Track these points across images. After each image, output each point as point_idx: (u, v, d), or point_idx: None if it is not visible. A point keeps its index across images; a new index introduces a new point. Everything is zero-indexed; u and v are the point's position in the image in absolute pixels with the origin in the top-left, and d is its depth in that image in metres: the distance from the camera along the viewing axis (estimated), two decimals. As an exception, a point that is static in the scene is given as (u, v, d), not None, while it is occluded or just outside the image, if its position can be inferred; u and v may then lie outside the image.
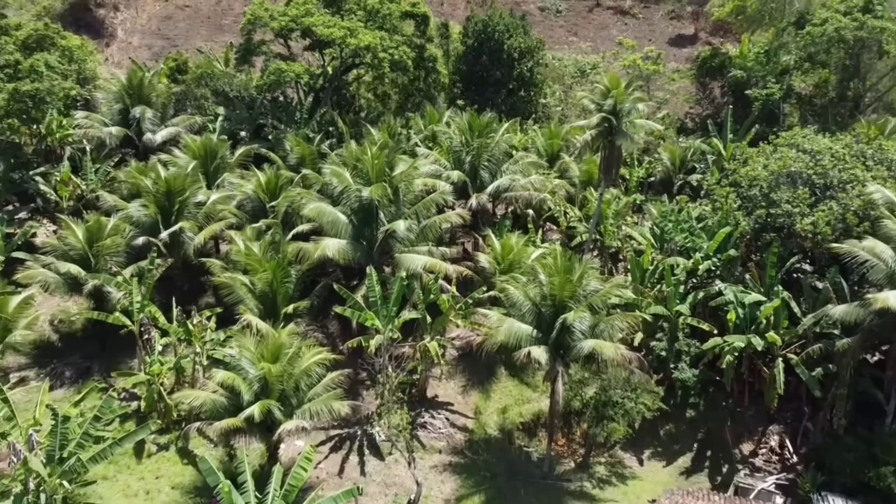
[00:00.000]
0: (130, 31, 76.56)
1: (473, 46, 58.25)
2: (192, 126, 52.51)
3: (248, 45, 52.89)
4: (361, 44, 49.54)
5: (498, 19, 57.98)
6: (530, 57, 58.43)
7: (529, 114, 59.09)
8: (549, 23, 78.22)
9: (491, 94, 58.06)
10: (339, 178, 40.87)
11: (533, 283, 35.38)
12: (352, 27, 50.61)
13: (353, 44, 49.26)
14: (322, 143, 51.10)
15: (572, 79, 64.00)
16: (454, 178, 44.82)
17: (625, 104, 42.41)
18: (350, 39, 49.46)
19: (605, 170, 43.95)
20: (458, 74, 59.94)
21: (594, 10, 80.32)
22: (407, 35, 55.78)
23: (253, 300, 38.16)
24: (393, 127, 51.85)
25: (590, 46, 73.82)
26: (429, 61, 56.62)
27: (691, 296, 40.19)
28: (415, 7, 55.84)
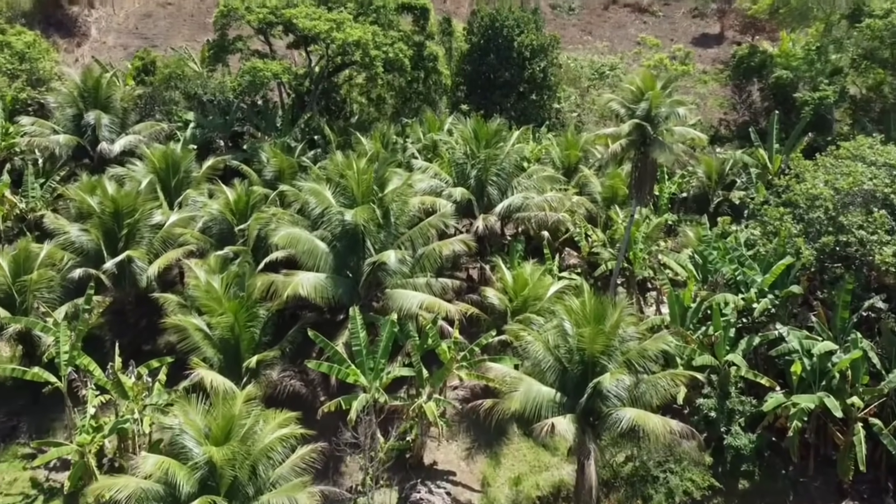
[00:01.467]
0: (105, 30, 69.22)
1: (479, 44, 50.75)
2: (158, 134, 44.90)
3: (221, 42, 45.31)
4: (350, 39, 41.99)
5: (507, 13, 50.41)
6: (543, 56, 50.88)
7: (542, 120, 51.47)
8: (562, 21, 70.68)
9: (499, 97, 50.52)
10: (318, 197, 33.28)
11: (555, 330, 27.83)
12: (339, 20, 43.13)
13: (340, 39, 41.69)
14: (305, 153, 43.53)
15: (589, 81, 56.40)
16: (457, 196, 37.16)
17: (661, 108, 34.79)
18: (336, 34, 41.88)
19: (637, 186, 36.26)
20: (461, 76, 52.40)
21: (610, 7, 72.72)
22: (404, 31, 48.34)
23: (211, 348, 30.62)
24: (387, 135, 44.24)
25: (606, 46, 66.20)
26: (429, 60, 49.12)
27: (745, 341, 32.50)
28: (419, 3, 48.38)
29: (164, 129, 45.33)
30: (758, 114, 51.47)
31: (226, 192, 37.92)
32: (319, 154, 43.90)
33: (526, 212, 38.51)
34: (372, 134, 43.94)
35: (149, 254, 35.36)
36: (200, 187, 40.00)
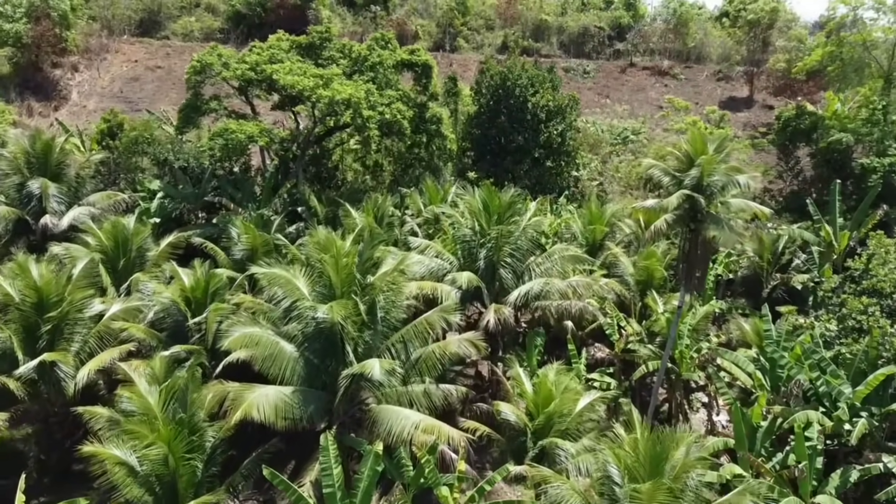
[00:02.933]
0: (87, 94, 63.37)
1: (489, 105, 44.13)
2: (117, 205, 38.05)
3: (193, 102, 38.74)
4: (338, 97, 35.33)
5: (520, 71, 43.93)
6: (561, 118, 44.19)
7: (561, 189, 44.47)
8: (576, 84, 64.41)
9: (510, 164, 43.60)
10: (287, 286, 25.93)
11: (596, 474, 19.97)
12: (327, 76, 36.57)
13: (327, 97, 35.03)
14: (284, 228, 36.47)
15: (611, 147, 49.60)
16: (463, 282, 29.71)
17: (715, 176, 27.60)
18: (322, 91, 35.23)
19: (686, 271, 28.75)
20: (469, 140, 45.62)
21: (627, 70, 66.58)
22: (404, 91, 41.81)
23: (137, 488, 22.82)
24: (381, 207, 37.14)
25: (626, 110, 59.67)
26: (431, 123, 42.42)
27: (838, 476, 24.44)
28: (413, 55, 41.97)
29: (126, 199, 38.41)
30: (809, 182, 44.26)
31: (180, 276, 30.54)
32: (302, 229, 36.78)
33: (547, 300, 31.01)
34: (364, 206, 36.82)
35: (80, 354, 27.90)
36: (154, 269, 32.72)
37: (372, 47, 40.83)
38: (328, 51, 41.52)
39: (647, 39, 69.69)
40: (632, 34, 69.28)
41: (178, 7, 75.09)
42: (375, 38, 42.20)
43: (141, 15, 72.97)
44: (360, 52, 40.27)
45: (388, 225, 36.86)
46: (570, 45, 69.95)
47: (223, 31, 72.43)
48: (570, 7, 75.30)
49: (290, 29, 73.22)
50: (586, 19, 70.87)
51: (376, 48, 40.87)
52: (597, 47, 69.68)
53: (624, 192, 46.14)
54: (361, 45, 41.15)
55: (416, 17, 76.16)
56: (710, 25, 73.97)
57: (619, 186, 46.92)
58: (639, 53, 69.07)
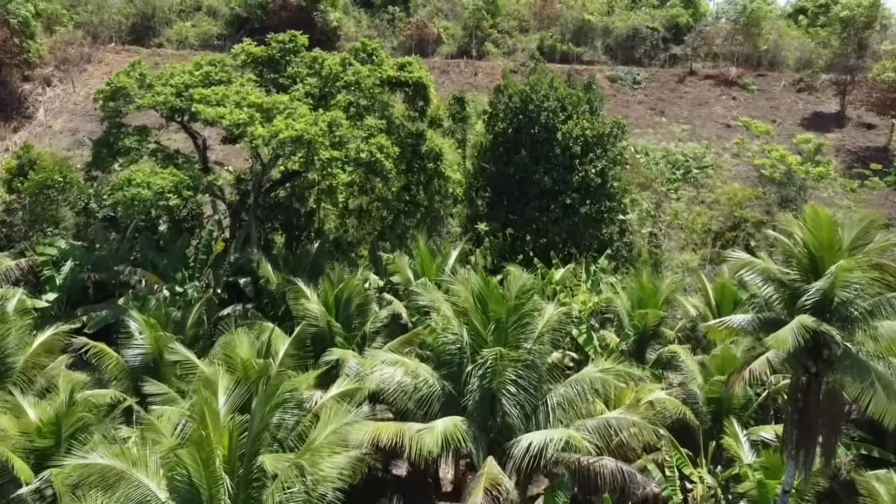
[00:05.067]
0: (57, 112, 53.98)
1: (505, 133, 32.84)
2: (8, 274, 28.09)
3: (106, 139, 28.45)
4: (283, 135, 24.65)
5: (546, 90, 32.48)
6: (602, 151, 32.70)
7: (601, 244, 33.04)
8: (624, 98, 52.45)
9: (534, 211, 32.34)
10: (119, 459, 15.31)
11: None
12: (270, 105, 25.85)
13: (261, 135, 24.41)
14: (214, 313, 26.01)
15: (669, 184, 37.68)
16: (437, 438, 18.78)
17: (853, 289, 16.04)
18: (257, 129, 24.58)
19: (798, 436, 17.22)
20: (481, 177, 34.47)
21: (686, 80, 54.23)
22: (392, 116, 30.86)
23: None
24: (348, 285, 26.24)
25: (685, 131, 47.49)
26: (428, 159, 31.49)
27: None
28: (403, 71, 30.90)
29: (20, 265, 28.34)
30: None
31: (25, 408, 20.19)
32: (241, 313, 26.20)
33: (570, 451, 19.80)
34: (322, 284, 25.84)
35: None
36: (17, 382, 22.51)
37: (348, 61, 29.85)
38: (294, 66, 30.78)
39: (709, 42, 57.15)
40: (691, 36, 56.81)
41: (177, 11, 65.38)
42: (355, 49, 31.20)
43: (133, 20, 63.52)
44: (332, 68, 29.35)
45: (359, 309, 25.94)
46: (618, 50, 57.85)
47: (221, 36, 62.45)
48: (617, 4, 63.13)
49: (296, 34, 63.19)
50: (637, 19, 58.64)
51: (354, 62, 29.88)
52: (649, 52, 57.41)
53: (685, 245, 34.29)
54: (335, 59, 30.19)
55: (441, 18, 64.97)
56: (783, 24, 61.03)
57: (679, 238, 35.04)
58: (700, 58, 56.60)
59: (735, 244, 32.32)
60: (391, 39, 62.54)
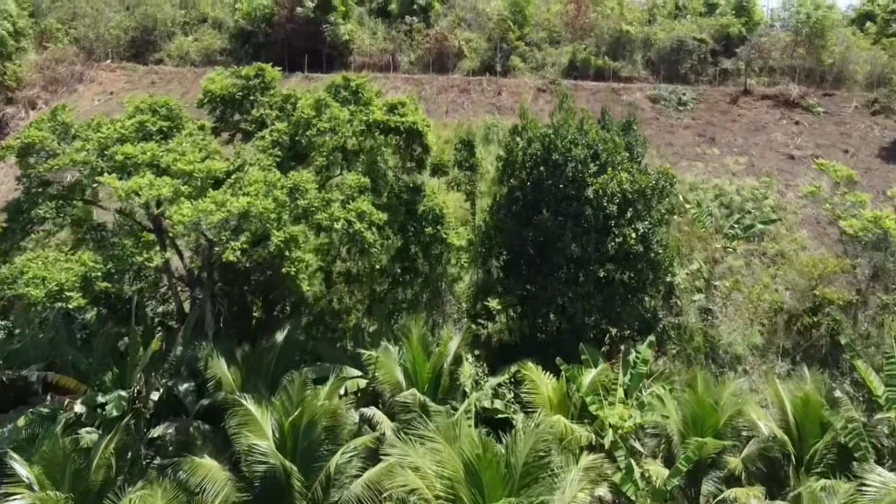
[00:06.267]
0: (38, 139, 48.73)
1: (524, 186, 26.08)
2: None
3: (18, 205, 22.45)
4: (214, 218, 18.24)
5: (574, 134, 25.60)
6: (645, 209, 25.74)
7: (644, 322, 26.12)
8: (668, 121, 45.12)
9: (558, 282, 25.56)
10: None
11: None
12: (205, 174, 19.47)
13: (182, 220, 18.07)
14: (144, 435, 19.84)
15: (727, 240, 30.30)
16: None
17: None
18: (181, 208, 18.18)
19: None
20: (493, 238, 27.70)
21: (740, 100, 46.57)
22: (380, 170, 24.33)
23: None
24: (307, 406, 19.63)
25: (740, 163, 40.02)
26: (426, 220, 24.92)
27: None
28: (394, 114, 24.25)
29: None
30: None
31: None
32: (173, 439, 19.94)
33: None
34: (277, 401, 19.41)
35: None
36: None
37: (324, 103, 23.29)
38: (262, 107, 24.40)
39: (765, 55, 49.41)
40: (745, 48, 49.16)
41: (181, 24, 59.66)
42: (335, 86, 24.61)
43: (132, 34, 57.95)
44: (304, 113, 22.85)
45: (327, 433, 19.46)
46: (660, 65, 50.42)
47: (225, 51, 56.55)
48: (659, 13, 55.63)
49: (304, 48, 56.91)
50: (682, 29, 51.09)
51: (331, 104, 23.33)
52: (696, 67, 49.85)
53: (748, 325, 27.03)
54: (308, 99, 23.66)
55: (463, 28, 58.15)
56: (849, 33, 52.95)
57: (741, 314, 27.81)
58: (754, 73, 48.93)
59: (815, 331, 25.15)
60: (408, 53, 55.95)
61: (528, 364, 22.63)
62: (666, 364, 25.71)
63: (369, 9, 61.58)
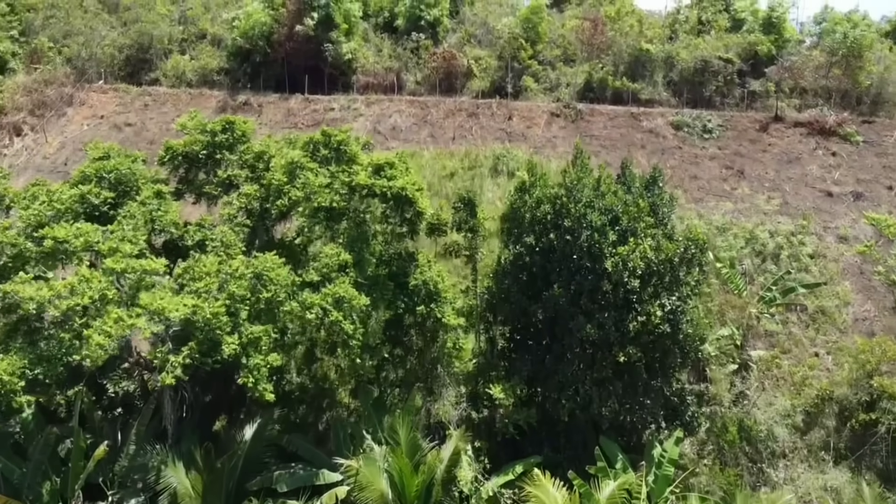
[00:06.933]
0: (22, 168, 45.49)
1: (532, 254, 22.53)
2: None
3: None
4: (145, 334, 14.80)
5: (590, 195, 21.94)
6: (673, 281, 22.09)
7: (669, 409, 22.51)
8: (692, 150, 41.25)
9: (571, 366, 21.97)
10: None
11: None
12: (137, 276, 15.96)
13: (100, 343, 14.62)
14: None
15: (763, 305, 26.35)
16: None
17: None
18: (103, 325, 14.63)
19: None
20: (497, 312, 24.08)
21: (770, 127, 42.57)
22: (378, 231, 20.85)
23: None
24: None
25: (773, 199, 36.15)
26: (417, 296, 21.41)
27: None
28: (381, 176, 20.68)
29: None
30: None
31: None
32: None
33: None
34: None
35: None
36: None
37: (298, 165, 19.81)
38: (231, 166, 21.01)
39: (797, 75, 45.40)
40: (775, 69, 45.15)
41: (179, 41, 56.48)
42: (314, 142, 21.14)
43: (127, 52, 54.85)
44: (274, 178, 19.42)
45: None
46: (682, 86, 46.54)
47: (223, 71, 53.30)
48: (681, 28, 51.72)
49: (305, 67, 53.51)
50: (706, 48, 47.17)
51: (307, 167, 19.86)
52: (722, 88, 45.99)
53: (790, 413, 23.22)
54: (281, 159, 20.18)
55: (473, 45, 54.58)
56: (885, 49, 48.79)
57: (782, 399, 24.04)
58: (784, 94, 44.93)
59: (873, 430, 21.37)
60: (415, 72, 52.43)
61: (535, 471, 19.09)
62: (694, 458, 22.06)
63: (375, 24, 58.13)
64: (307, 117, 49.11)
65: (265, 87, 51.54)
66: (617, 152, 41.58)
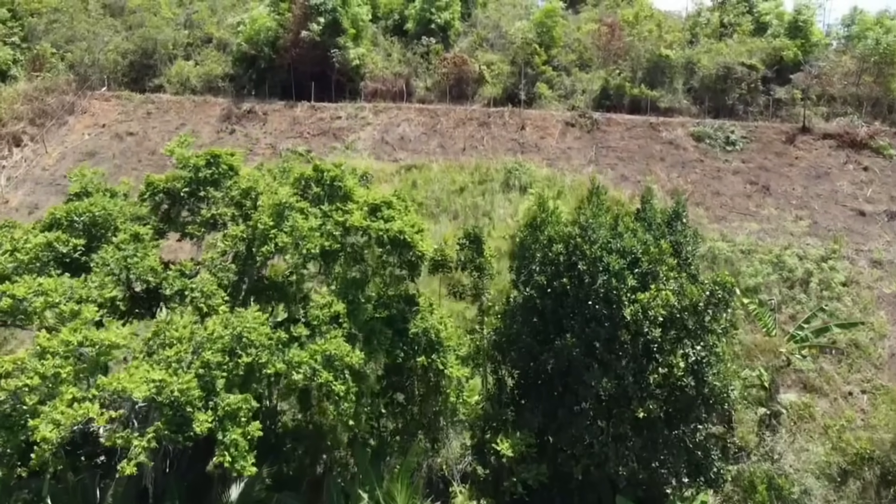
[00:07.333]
0: (20, 181, 44.11)
1: (543, 298, 20.61)
2: None
3: None
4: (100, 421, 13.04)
5: (607, 235, 19.94)
6: (698, 328, 20.10)
7: (693, 464, 20.60)
8: (713, 164, 39.02)
9: (585, 420, 20.09)
10: None
11: None
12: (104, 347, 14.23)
13: (54, 435, 12.96)
14: None
15: (795, 344, 24.25)
16: None
17: None
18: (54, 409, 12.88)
19: None
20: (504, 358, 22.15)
21: (797, 139, 40.24)
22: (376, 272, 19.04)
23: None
24: None
25: (802, 224, 33.95)
26: (417, 345, 19.61)
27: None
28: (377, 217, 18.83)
29: None
30: None
31: None
32: None
33: None
34: None
35: None
36: None
37: (286, 206, 17.98)
38: (216, 204, 19.27)
39: (825, 82, 42.98)
40: (802, 75, 42.74)
41: (183, 45, 54.84)
42: (305, 178, 19.27)
43: (131, 58, 53.30)
44: (260, 222, 17.64)
45: None
46: (704, 94, 44.28)
47: (227, 77, 51.61)
48: (702, 31, 49.36)
49: (311, 74, 51.65)
50: (729, 53, 44.80)
51: (295, 206, 18.04)
52: (745, 96, 43.65)
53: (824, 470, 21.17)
54: (270, 199, 18.37)
55: (485, 49, 52.52)
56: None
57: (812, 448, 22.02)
58: (811, 102, 42.53)
59: None
60: (424, 78, 50.50)
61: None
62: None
63: (385, 27, 56.21)
64: (313, 126, 47.39)
65: (271, 94, 49.86)
66: (635, 165, 39.53)
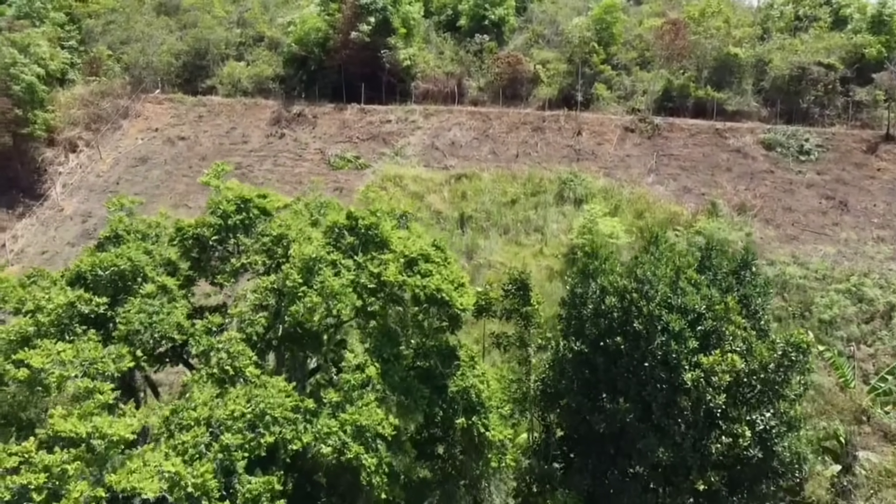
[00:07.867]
0: (75, 188, 44.18)
1: (594, 355, 18.85)
2: None
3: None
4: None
5: (666, 288, 17.99)
6: (768, 392, 18.00)
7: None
8: (785, 175, 36.09)
9: (640, 488, 18.35)
10: None
11: None
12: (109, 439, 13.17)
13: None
14: None
15: (876, 397, 21.74)
16: None
17: None
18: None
19: None
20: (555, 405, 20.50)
21: (880, 147, 36.86)
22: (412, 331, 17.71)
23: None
24: None
25: (886, 247, 30.96)
26: (456, 404, 18.17)
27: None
28: (413, 271, 17.33)
29: None
30: None
31: None
32: None
33: None
34: None
35: None
36: None
37: (319, 259, 16.59)
38: (246, 253, 18.13)
39: (911, 83, 39.23)
40: (885, 75, 39.15)
41: (236, 44, 54.22)
42: (338, 227, 17.84)
43: (184, 58, 52.99)
44: (288, 279, 16.31)
45: None
46: (775, 96, 41.08)
47: (278, 78, 50.75)
48: (774, 25, 45.88)
49: (361, 75, 50.24)
50: (804, 51, 41.39)
51: (325, 258, 16.67)
52: (822, 98, 40.33)
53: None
54: (301, 249, 17.04)
55: (541, 46, 50.22)
56: None
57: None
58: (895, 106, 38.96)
59: None
60: (477, 77, 48.60)
61: None
62: None
63: (437, 22, 54.40)
64: (362, 130, 46.17)
65: (321, 96, 48.80)
66: (698, 175, 37.01)
